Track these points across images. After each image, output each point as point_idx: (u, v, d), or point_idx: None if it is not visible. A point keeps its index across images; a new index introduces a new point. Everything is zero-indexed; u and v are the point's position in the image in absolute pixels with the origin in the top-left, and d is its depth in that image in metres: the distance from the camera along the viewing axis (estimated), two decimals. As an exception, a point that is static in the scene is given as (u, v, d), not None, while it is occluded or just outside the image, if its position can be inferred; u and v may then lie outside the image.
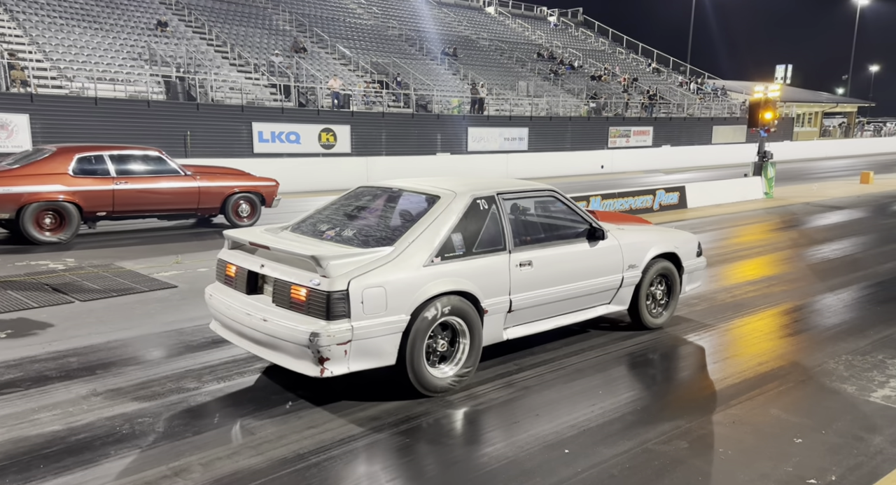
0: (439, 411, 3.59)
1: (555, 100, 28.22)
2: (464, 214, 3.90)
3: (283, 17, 26.52)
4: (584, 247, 4.45)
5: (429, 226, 3.76)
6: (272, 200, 10.19)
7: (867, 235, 9.39)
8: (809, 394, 3.90)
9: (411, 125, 22.60)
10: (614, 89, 33.06)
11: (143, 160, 8.99)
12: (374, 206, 4.35)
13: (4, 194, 7.86)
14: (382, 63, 25.40)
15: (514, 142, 25.24)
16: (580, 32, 41.95)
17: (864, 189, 15.26)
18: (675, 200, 12.86)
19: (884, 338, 4.84)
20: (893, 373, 4.15)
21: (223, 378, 4.10)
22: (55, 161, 8.30)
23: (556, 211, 4.60)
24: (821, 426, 3.44)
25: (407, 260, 3.58)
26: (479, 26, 36.23)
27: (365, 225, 4.09)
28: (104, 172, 8.56)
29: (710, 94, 37.47)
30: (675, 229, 5.63)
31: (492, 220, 4.02)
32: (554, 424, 3.48)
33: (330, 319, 3.31)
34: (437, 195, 4.02)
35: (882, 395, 3.82)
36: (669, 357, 4.61)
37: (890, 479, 2.92)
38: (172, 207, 9.18)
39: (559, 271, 4.28)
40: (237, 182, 9.81)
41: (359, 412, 3.57)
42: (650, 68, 39.49)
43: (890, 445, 3.23)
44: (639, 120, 30.41)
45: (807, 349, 4.69)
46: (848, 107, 49.15)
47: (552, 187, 4.60)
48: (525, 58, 33.07)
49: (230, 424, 3.47)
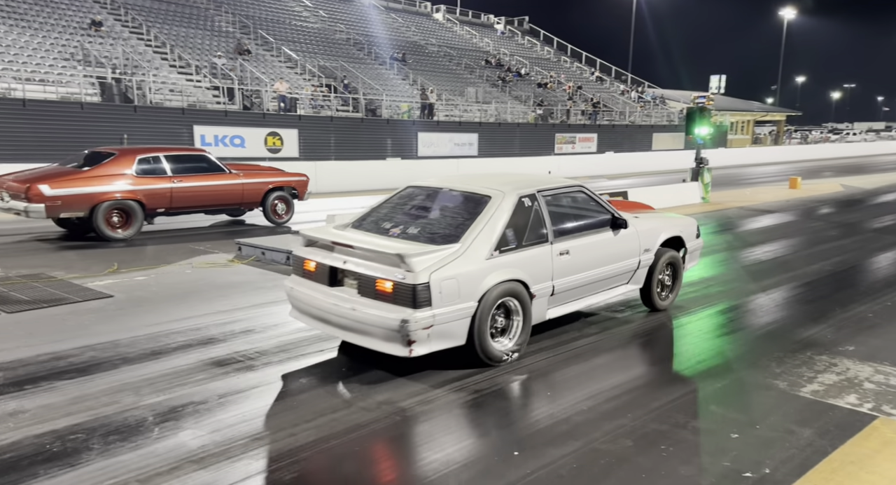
0: (499, 377, 4.24)
1: (503, 106, 28.63)
2: (513, 211, 4.41)
3: (226, 18, 25.87)
4: (610, 235, 5.05)
5: (486, 223, 4.27)
6: (304, 193, 11.08)
7: (796, 238, 9.93)
8: (745, 390, 4.09)
9: (361, 130, 22.45)
10: (560, 97, 33.83)
11: (193, 160, 9.70)
12: (429, 204, 4.80)
13: (80, 194, 8.47)
14: (330, 67, 25.14)
15: (465, 147, 25.44)
16: (526, 41, 42.77)
17: (792, 194, 16.14)
18: (618, 205, 13.27)
19: (811, 335, 5.12)
20: (820, 369, 4.39)
21: (162, 390, 3.95)
22: (120, 163, 8.86)
23: (584, 204, 5.12)
24: (755, 421, 3.61)
25: (473, 254, 4.11)
26: (427, 32, 36.40)
27: (426, 223, 4.56)
28: (162, 171, 9.21)
29: (650, 102, 38.87)
30: (677, 215, 6.26)
31: (535, 215, 4.57)
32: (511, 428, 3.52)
33: (416, 308, 3.83)
34: (488, 195, 4.51)
35: (811, 390, 4.04)
36: (612, 359, 4.74)
37: (819, 470, 3.08)
38: (220, 203, 9.97)
39: (591, 258, 4.87)
40: (274, 178, 10.64)
41: (410, 386, 3.56)
42: (593, 77, 40.64)
43: (819, 437, 3.41)
44: (584, 127, 31.22)
45: (742, 347, 4.91)
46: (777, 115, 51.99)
47: (580, 183, 5.15)
48: (473, 64, 33.44)
49: (172, 437, 3.34)
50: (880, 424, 3.53)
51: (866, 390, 4.00)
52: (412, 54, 31.12)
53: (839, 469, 3.07)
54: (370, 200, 16.22)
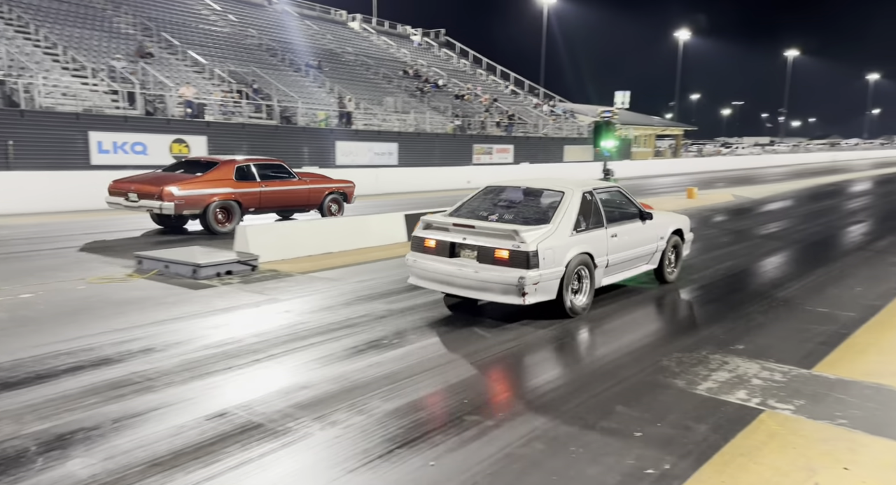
0: (573, 324, 5.80)
1: (422, 116, 28.81)
2: (581, 203, 5.86)
3: (126, 19, 24.39)
4: (640, 224, 6.58)
5: (566, 211, 5.70)
6: (352, 197, 12.91)
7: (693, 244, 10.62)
8: (647, 390, 4.30)
9: (276, 137, 21.81)
10: (477, 108, 34.51)
11: (274, 168, 11.51)
12: (513, 198, 6.23)
13: (198, 195, 10.17)
14: (241, 72, 24.29)
15: (384, 156, 25.34)
16: (443, 53, 43.34)
17: (689, 203, 17.28)
18: (533, 214, 13.66)
19: (707, 336, 5.47)
20: (714, 367, 4.70)
21: (48, 417, 3.61)
22: (223, 170, 10.65)
23: (621, 200, 6.63)
24: (657, 419, 3.80)
25: (561, 233, 5.54)
26: (343, 40, 36.04)
27: (515, 211, 5.97)
28: (253, 177, 10.99)
29: (562, 115, 40.49)
30: (676, 213, 7.75)
31: (594, 206, 6.01)
32: (419, 439, 3.48)
33: (528, 268, 5.21)
34: (561, 191, 5.96)
35: (706, 387, 4.32)
36: (522, 363, 4.85)
37: (713, 463, 3.29)
38: (292, 204, 11.79)
39: (630, 240, 6.40)
40: (330, 184, 12.50)
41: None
42: (508, 90, 41.80)
43: (713, 432, 3.64)
44: (500, 138, 32.00)
45: (645, 349, 5.18)
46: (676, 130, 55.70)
47: (618, 185, 6.79)
48: (391, 74, 33.45)
49: (58, 467, 3.06)
50: (766, 417, 3.82)
51: (754, 385, 4.32)
52: (328, 62, 30.70)
53: (730, 462, 3.29)
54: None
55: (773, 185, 25.05)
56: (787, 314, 6.09)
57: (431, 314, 6.01)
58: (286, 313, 6.01)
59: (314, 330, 5.49)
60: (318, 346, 5.09)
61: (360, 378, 4.41)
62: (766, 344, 5.17)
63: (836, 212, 14.16)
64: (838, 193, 21.78)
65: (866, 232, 11.85)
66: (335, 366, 4.66)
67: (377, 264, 8.60)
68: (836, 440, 3.49)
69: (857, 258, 9.02)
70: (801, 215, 14.85)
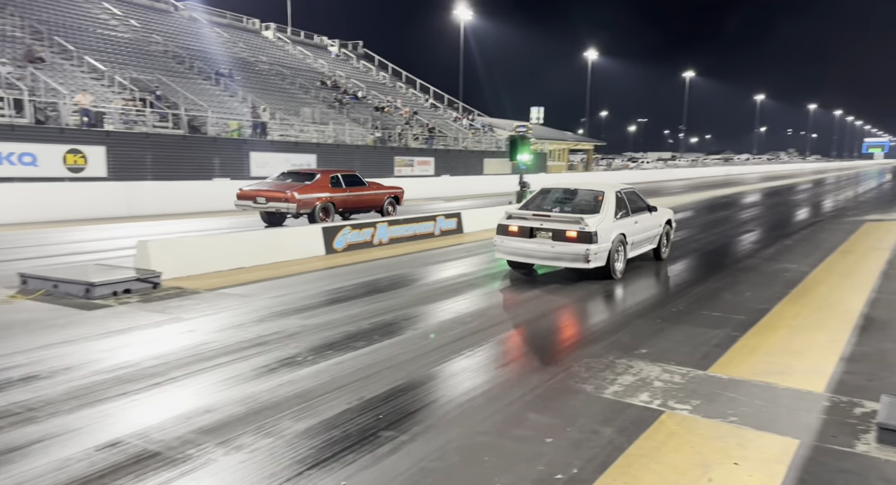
0: (615, 283, 8.54)
1: (341, 128, 28.48)
2: (616, 198, 8.28)
3: (13, 21, 22.53)
4: (648, 215, 9.18)
5: (608, 204, 8.10)
6: (402, 200, 16.20)
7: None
8: (557, 396, 4.42)
9: (183, 148, 20.79)
10: (397, 121, 34.59)
11: (353, 177, 14.63)
12: (567, 196, 8.75)
13: (310, 198, 13.18)
14: (145, 80, 23.04)
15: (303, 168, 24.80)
16: (361, 65, 43.20)
17: (600, 215, 18.13)
18: (453, 226, 13.78)
19: (613, 341, 5.71)
20: (620, 371, 4.91)
21: None
22: (322, 179, 13.70)
23: (636, 198, 9.09)
24: (566, 424, 3.91)
25: (607, 219, 7.92)
26: (257, 49, 35.09)
27: (570, 205, 8.44)
28: (341, 185, 14.09)
29: (480, 129, 41.39)
30: (665, 208, 10.11)
31: (623, 201, 8.46)
32: (330, 459, 3.40)
33: (591, 243, 7.57)
34: (602, 191, 8.42)
35: (612, 391, 4.49)
36: (439, 377, 4.85)
37: (617, 465, 3.41)
38: (365, 206, 14.85)
39: (645, 226, 8.97)
40: (388, 190, 15.68)
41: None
42: (428, 104, 42.23)
43: (618, 435, 3.78)
44: (421, 151, 32.21)
45: (557, 355, 5.33)
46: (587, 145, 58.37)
47: (633, 187, 9.30)
48: (308, 85, 32.90)
49: None
50: (667, 417, 4.02)
51: (656, 387, 4.54)
52: (241, 71, 29.75)
53: (633, 463, 3.43)
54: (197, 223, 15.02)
55: (674, 197, 26.71)
56: (686, 319, 6.48)
57: (349, 329, 5.90)
58: (190, 333, 5.70)
59: (221, 350, 5.23)
60: (224, 366, 4.86)
61: (269, 399, 4.24)
62: (667, 347, 5.46)
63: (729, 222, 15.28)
64: (732, 204, 23.55)
65: (755, 241, 12.87)
66: (243, 387, 4.45)
67: (293, 279, 8.36)
68: (727, 437, 3.72)
69: (747, 265, 9.76)
70: (698, 225, 15.90)
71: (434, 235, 13.05)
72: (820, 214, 18.93)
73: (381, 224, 11.81)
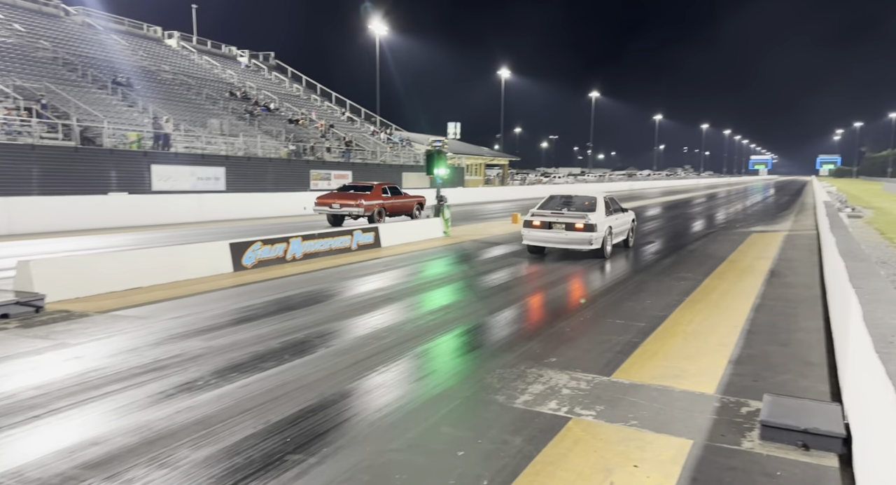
0: (605, 261, 12.23)
1: (252, 140, 27.57)
2: (605, 201, 11.69)
3: None
4: (623, 214, 12.73)
5: (600, 205, 11.47)
6: (424, 206, 20.16)
7: (518, 265, 11.40)
8: (471, 408, 4.44)
9: (75, 161, 19.33)
10: (313, 134, 33.98)
11: (394, 188, 19.05)
12: (569, 200, 11.84)
13: (372, 204, 17.39)
14: (31, 88, 21.29)
15: (210, 181, 23.75)
16: (273, 76, 42.18)
17: (514, 228, 18.57)
18: (371, 240, 13.64)
19: (525, 351, 5.84)
20: (531, 380, 5.01)
21: None
22: (377, 190, 18.00)
23: (613, 202, 12.31)
24: (478, 437, 3.93)
25: (601, 215, 11.28)
26: (159, 58, 33.44)
27: (575, 206, 11.55)
28: (388, 193, 18.30)
29: (398, 143, 41.48)
30: (630, 210, 13.74)
31: (609, 203, 11.89)
32: None
33: (592, 232, 11.00)
34: (595, 196, 11.77)
35: (523, 401, 4.57)
36: (353, 394, 4.75)
37: (525, 474, 3.46)
38: (402, 211, 18.93)
39: (621, 222, 12.40)
40: (414, 198, 19.73)
41: None
42: (344, 117, 41.84)
43: (527, 443, 3.85)
44: (338, 164, 31.78)
45: (472, 367, 5.37)
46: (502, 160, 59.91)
47: (612, 195, 12.66)
48: (216, 96, 31.69)
49: None
50: (573, 424, 4.14)
51: (564, 395, 4.67)
52: (142, 80, 28.17)
53: (541, 471, 3.49)
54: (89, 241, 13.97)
55: (585, 210, 27.95)
56: (592, 327, 6.75)
57: (258, 349, 5.66)
58: (77, 360, 5.26)
59: (112, 377, 4.86)
60: (115, 394, 4.51)
61: (165, 427, 3.97)
62: (574, 356, 5.65)
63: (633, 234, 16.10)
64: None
65: (655, 251, 13.67)
66: (136, 416, 4.15)
67: (196, 298, 7.93)
68: (628, 441, 3.88)
69: (648, 274, 10.34)
70: (606, 237, 16.68)
71: (351, 250, 12.87)
72: (713, 226, 20.43)
73: (295, 239, 11.49)
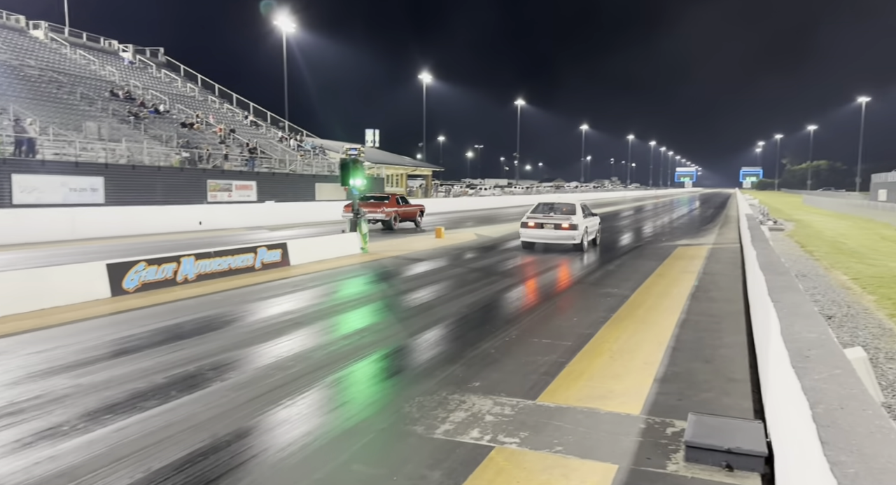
0: (582, 254, 17.35)
1: (138, 146, 26.26)
2: (582, 206, 16.97)
3: None
4: (593, 218, 17.91)
5: (579, 210, 16.57)
6: (424, 213, 26.19)
7: (440, 283, 11.43)
8: (386, 441, 4.36)
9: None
10: (210, 139, 32.80)
11: (403, 198, 26.16)
12: (554, 206, 16.93)
13: (392, 211, 23.31)
14: None
15: (86, 193, 22.33)
16: (163, 74, 40.55)
17: (438, 242, 18.70)
18: (277, 258, 13.25)
19: (447, 376, 5.82)
20: (452, 407, 5.00)
21: None
22: (392, 200, 24.03)
23: (586, 207, 17.44)
24: (393, 473, 3.85)
25: (580, 217, 16.37)
26: (22, 51, 31.35)
27: (560, 211, 16.59)
28: (399, 203, 24.45)
29: (311, 151, 40.80)
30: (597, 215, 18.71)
31: (585, 208, 17.10)
32: None
33: (575, 231, 16.06)
34: (573, 203, 16.99)
35: (443, 430, 4.54)
36: (248, 434, 4.54)
37: (444, 510, 3.42)
38: (409, 217, 24.68)
39: (593, 223, 17.78)
40: (416, 206, 25.68)
41: None
42: (248, 121, 40.74)
43: (447, 478, 3.81)
44: (241, 174, 30.80)
45: (389, 396, 5.29)
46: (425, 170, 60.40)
47: (585, 203, 18.24)
48: (94, 95, 30.01)
49: None
50: (496, 453, 4.15)
51: (487, 422, 4.69)
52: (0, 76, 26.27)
53: (461, 506, 3.46)
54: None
55: (511, 224, 28.51)
56: (518, 348, 6.84)
57: (138, 386, 5.30)
58: (-90, 406, 4.72)
59: (-46, 425, 4.39)
60: (-42, 446, 4.07)
61: (22, 481, 3.62)
62: (498, 379, 5.70)
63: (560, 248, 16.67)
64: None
65: (583, 266, 14.16)
66: (-16, 471, 3.76)
67: (65, 328, 7.38)
68: (553, 468, 3.94)
69: (575, 290, 10.67)
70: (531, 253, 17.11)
71: (255, 269, 12.46)
72: (640, 240, 21.47)
73: (187, 258, 10.98)
